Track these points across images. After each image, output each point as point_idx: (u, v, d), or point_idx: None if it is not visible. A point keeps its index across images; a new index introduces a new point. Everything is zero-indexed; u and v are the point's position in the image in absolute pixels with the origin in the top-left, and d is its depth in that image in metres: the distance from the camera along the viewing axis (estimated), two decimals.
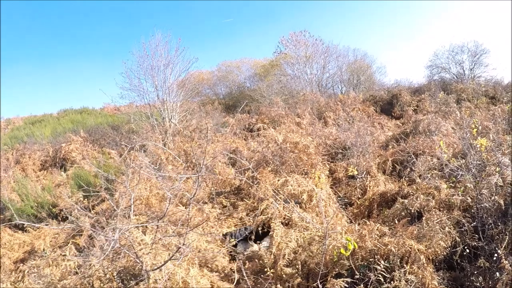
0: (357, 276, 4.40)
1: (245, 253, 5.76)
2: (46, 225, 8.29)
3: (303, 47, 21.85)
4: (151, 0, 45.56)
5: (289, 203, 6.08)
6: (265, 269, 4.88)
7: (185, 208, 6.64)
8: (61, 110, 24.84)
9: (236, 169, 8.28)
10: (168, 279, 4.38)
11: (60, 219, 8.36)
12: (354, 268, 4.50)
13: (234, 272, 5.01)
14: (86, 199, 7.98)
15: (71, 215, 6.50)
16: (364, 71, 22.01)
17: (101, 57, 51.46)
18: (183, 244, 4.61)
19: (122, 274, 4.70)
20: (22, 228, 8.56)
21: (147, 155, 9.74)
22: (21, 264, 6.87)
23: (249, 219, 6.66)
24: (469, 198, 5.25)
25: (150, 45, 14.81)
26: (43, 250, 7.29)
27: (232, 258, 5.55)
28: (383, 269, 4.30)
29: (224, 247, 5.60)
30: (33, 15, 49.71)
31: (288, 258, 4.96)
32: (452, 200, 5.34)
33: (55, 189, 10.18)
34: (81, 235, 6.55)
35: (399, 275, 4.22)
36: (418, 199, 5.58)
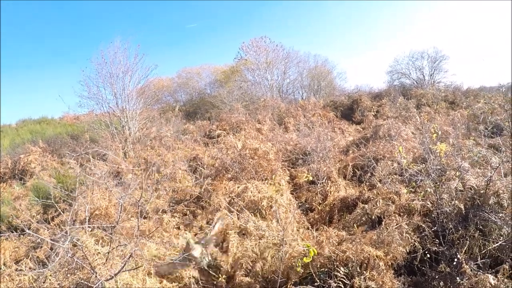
0: (317, 283, 4.36)
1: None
2: (6, 239, 8.08)
3: (264, 53, 21.92)
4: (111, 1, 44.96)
5: (243, 212, 6.03)
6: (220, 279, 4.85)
7: (143, 217, 6.55)
8: (19, 120, 24.24)
9: (196, 177, 8.19)
10: None
11: (20, 232, 8.15)
12: (314, 275, 4.46)
13: (192, 283, 4.92)
14: (45, 211, 7.80)
15: (29, 228, 6.31)
16: (324, 77, 22.21)
17: (60, 65, 50.56)
18: (135, 250, 4.50)
19: (77, 286, 4.58)
20: None
21: (107, 164, 9.58)
22: None
23: (209, 227, 6.57)
24: (429, 203, 5.27)
25: (109, 52, 14.63)
26: (3, 264, 7.09)
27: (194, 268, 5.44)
28: (343, 276, 4.26)
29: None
30: None
31: (245, 268, 4.89)
32: (412, 205, 5.35)
33: (14, 201, 9.93)
34: (41, 247, 6.33)
35: (359, 282, 4.20)
36: (378, 204, 5.58)
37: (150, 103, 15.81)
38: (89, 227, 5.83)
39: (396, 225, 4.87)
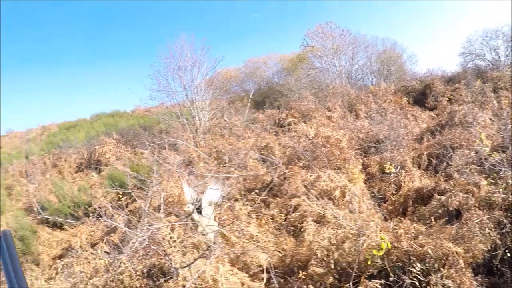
0: (391, 278, 4.25)
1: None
2: (82, 223, 8.45)
3: (330, 39, 21.25)
4: (174, 1, 45.54)
5: (321, 199, 5.94)
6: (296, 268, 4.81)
7: (219, 206, 6.63)
8: (93, 114, 25.19)
9: (267, 165, 8.20)
10: (198, 277, 4.32)
11: (95, 218, 8.51)
12: (388, 269, 4.36)
13: (263, 271, 4.92)
14: (119, 198, 8.08)
15: (105, 214, 6.55)
16: (394, 61, 21.33)
17: (129, 61, 51.97)
18: (214, 243, 4.55)
19: (151, 272, 4.70)
20: (60, 227, 8.80)
21: (178, 153, 9.77)
22: (59, 260, 7.01)
23: (280, 216, 6.55)
24: (511, 196, 5.01)
25: (176, 46, 14.96)
26: (80, 247, 7.39)
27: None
28: (419, 272, 4.13)
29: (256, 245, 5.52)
30: (56, 18, 50.48)
31: (320, 257, 4.83)
32: (493, 198, 5.08)
33: (90, 189, 10.39)
34: (115, 232, 6.66)
35: (436, 280, 4.02)
36: (457, 196, 5.36)
37: (219, 94, 16.06)
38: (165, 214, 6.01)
39: (477, 219, 4.66)
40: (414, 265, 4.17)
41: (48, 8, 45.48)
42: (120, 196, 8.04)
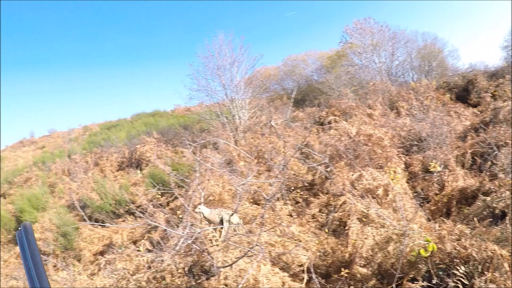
0: (434, 281, 4.22)
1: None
2: (123, 221, 8.65)
3: (369, 34, 20.99)
4: (212, 1, 45.86)
5: (365, 198, 5.91)
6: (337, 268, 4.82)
7: (257, 205, 6.67)
8: (134, 114, 25.97)
9: (308, 164, 8.20)
10: (239, 276, 4.38)
11: (136, 216, 8.68)
12: (431, 271, 4.32)
13: (304, 271, 4.94)
14: (160, 197, 8.22)
15: (146, 211, 6.69)
16: (435, 56, 20.77)
17: (167, 61, 52.80)
18: (256, 245, 4.60)
19: (193, 270, 4.77)
20: (101, 224, 9.05)
21: (219, 152, 9.87)
22: (100, 256, 7.19)
23: (321, 215, 6.55)
24: None
25: (214, 45, 15.11)
26: (121, 244, 7.56)
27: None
28: (462, 275, 4.07)
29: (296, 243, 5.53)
30: (98, 20, 51.58)
31: (365, 257, 4.82)
32: None
33: (131, 187, 10.62)
34: (156, 230, 6.79)
35: (479, 283, 3.94)
36: (503, 197, 5.25)
37: (258, 92, 16.11)
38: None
39: None
40: (458, 268, 4.13)
41: (90, 9, 46.55)
42: (159, 195, 8.21)
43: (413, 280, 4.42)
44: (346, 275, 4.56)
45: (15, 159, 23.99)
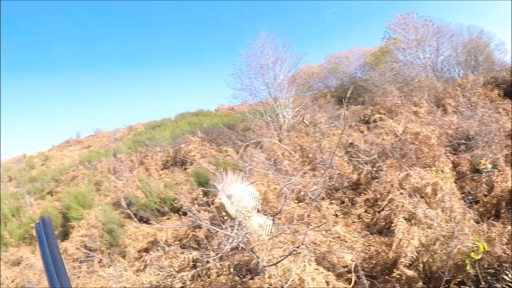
0: (482, 286, 4.17)
1: None
2: (168, 218, 8.83)
3: (413, 29, 20.39)
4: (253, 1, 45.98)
5: (413, 197, 5.86)
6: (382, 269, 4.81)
7: (302, 203, 6.68)
8: (178, 114, 26.28)
9: (353, 163, 8.19)
10: (283, 275, 4.41)
11: (181, 214, 8.85)
12: (479, 276, 4.27)
13: (351, 271, 4.94)
14: (205, 195, 8.34)
15: (191, 210, 6.81)
16: (481, 50, 20.04)
17: (210, 61, 53.29)
18: (302, 244, 4.63)
19: (238, 268, 4.84)
20: (146, 221, 9.25)
21: (263, 151, 9.94)
22: (145, 254, 7.37)
23: (367, 215, 6.55)
24: None
25: (256, 44, 15.19)
26: (165, 241, 7.72)
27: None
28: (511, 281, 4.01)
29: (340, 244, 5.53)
30: (143, 20, 52.51)
31: (410, 257, 4.80)
32: None
33: (176, 186, 10.83)
34: (201, 228, 6.79)
35: None
36: None
37: (301, 91, 16.11)
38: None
39: None
40: (507, 272, 4.07)
41: (140, 9, 47.45)
42: (201, 194, 8.34)
43: (460, 283, 4.38)
44: (397, 276, 4.55)
45: (61, 158, 24.78)
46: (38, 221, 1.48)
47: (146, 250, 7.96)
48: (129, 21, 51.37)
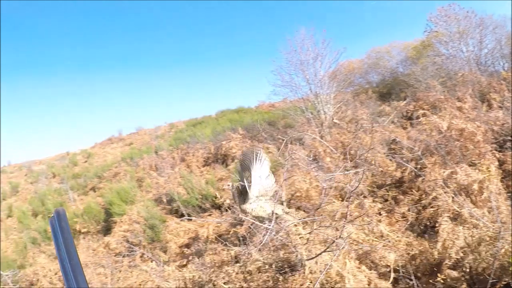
0: None
1: None
2: (209, 215, 8.97)
3: (454, 22, 19.79)
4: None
5: (458, 196, 5.79)
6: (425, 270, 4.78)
7: (343, 201, 6.68)
8: (218, 111, 26.55)
9: (396, 161, 8.12)
10: (323, 271, 4.44)
11: (222, 210, 8.97)
12: None
13: (391, 270, 4.94)
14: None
15: (232, 206, 6.89)
16: None
17: (250, 58, 53.60)
18: (340, 237, 4.64)
19: (279, 264, 4.89)
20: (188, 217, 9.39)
21: (304, 148, 9.95)
22: (186, 249, 7.50)
23: (411, 214, 6.50)
24: None
25: (296, 40, 15.04)
26: (206, 238, 7.84)
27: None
28: None
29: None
30: (187, 20, 53.23)
31: (455, 258, 4.76)
32: None
33: (217, 182, 10.97)
34: (242, 224, 6.88)
35: None
36: None
37: (343, 87, 15.98)
38: (297, 207, 6.21)
39: None
40: None
41: (181, 8, 48.19)
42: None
43: (506, 286, 4.33)
44: (441, 280, 4.53)
45: (104, 155, 25.43)
46: (52, 215, 1.44)
47: (187, 246, 8.14)
48: (175, 20, 52.28)
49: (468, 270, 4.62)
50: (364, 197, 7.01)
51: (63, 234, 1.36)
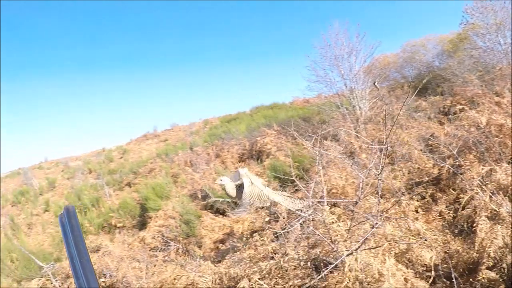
0: None
1: None
2: (244, 211, 9.06)
3: (491, 13, 18.65)
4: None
5: (497, 195, 5.72)
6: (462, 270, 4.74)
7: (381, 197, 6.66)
8: (253, 107, 26.66)
9: (434, 157, 8.04)
10: (363, 269, 4.41)
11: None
12: None
13: (430, 270, 4.89)
14: (282, 188, 8.44)
15: (270, 205, 6.97)
16: None
17: (284, 54, 53.77)
18: (376, 224, 4.59)
19: (316, 261, 4.90)
20: (222, 213, 9.64)
21: (339, 144, 9.94)
22: (220, 244, 7.60)
23: (448, 212, 6.44)
24: None
25: (330, 35, 14.86)
26: (241, 233, 7.92)
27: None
28: None
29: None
30: (218, 17, 53.80)
31: (493, 259, 4.70)
32: None
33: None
34: (277, 220, 6.91)
35: None
36: None
37: (378, 81, 15.71)
38: (332, 204, 6.23)
39: None
40: None
41: (217, 6, 48.76)
42: (283, 185, 8.47)
43: None
44: (482, 280, 4.49)
45: (139, 151, 25.75)
46: (62, 211, 1.42)
47: (222, 242, 8.24)
48: (206, 19, 52.86)
49: (506, 271, 4.56)
50: (402, 194, 6.96)
51: (73, 231, 1.36)
